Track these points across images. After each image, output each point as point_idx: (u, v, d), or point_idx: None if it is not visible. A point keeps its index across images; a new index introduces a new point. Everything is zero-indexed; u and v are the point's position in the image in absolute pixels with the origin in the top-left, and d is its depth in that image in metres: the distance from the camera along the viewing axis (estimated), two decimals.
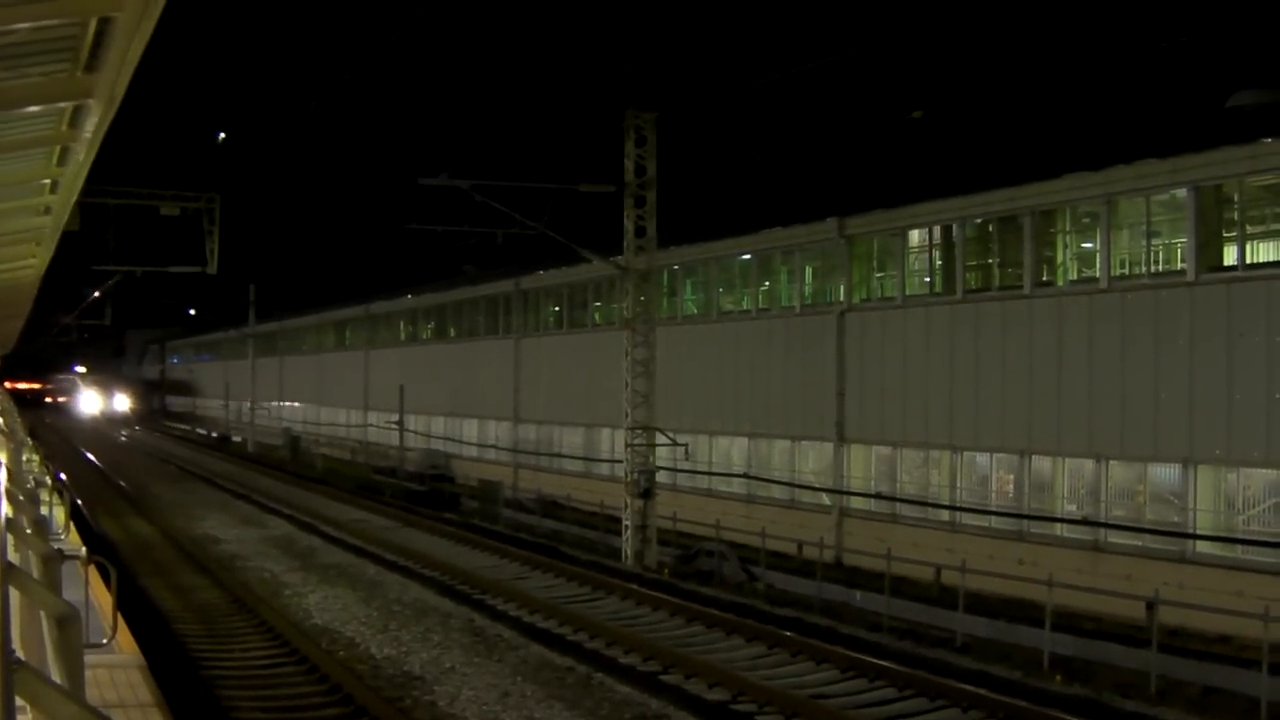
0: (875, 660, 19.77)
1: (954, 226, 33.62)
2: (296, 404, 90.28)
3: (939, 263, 34.75)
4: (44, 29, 11.44)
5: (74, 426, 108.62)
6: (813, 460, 37.67)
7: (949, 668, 20.11)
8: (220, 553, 30.12)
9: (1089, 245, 30.66)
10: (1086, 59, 42.36)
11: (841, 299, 36.92)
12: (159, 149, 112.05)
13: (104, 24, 11.47)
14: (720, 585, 29.79)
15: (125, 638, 14.65)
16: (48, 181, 22.17)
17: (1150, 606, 22.55)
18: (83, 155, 18.82)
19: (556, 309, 54.81)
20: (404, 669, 18.62)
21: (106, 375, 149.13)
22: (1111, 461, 28.69)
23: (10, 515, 11.12)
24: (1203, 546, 26.54)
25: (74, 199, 25.55)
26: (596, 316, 51.20)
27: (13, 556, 9.18)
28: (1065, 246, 31.37)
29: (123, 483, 48.10)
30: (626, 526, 33.35)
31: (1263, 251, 27.54)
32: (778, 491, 38.08)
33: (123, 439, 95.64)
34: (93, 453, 66.94)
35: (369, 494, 48.39)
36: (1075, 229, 31.15)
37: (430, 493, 48.04)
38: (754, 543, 32.09)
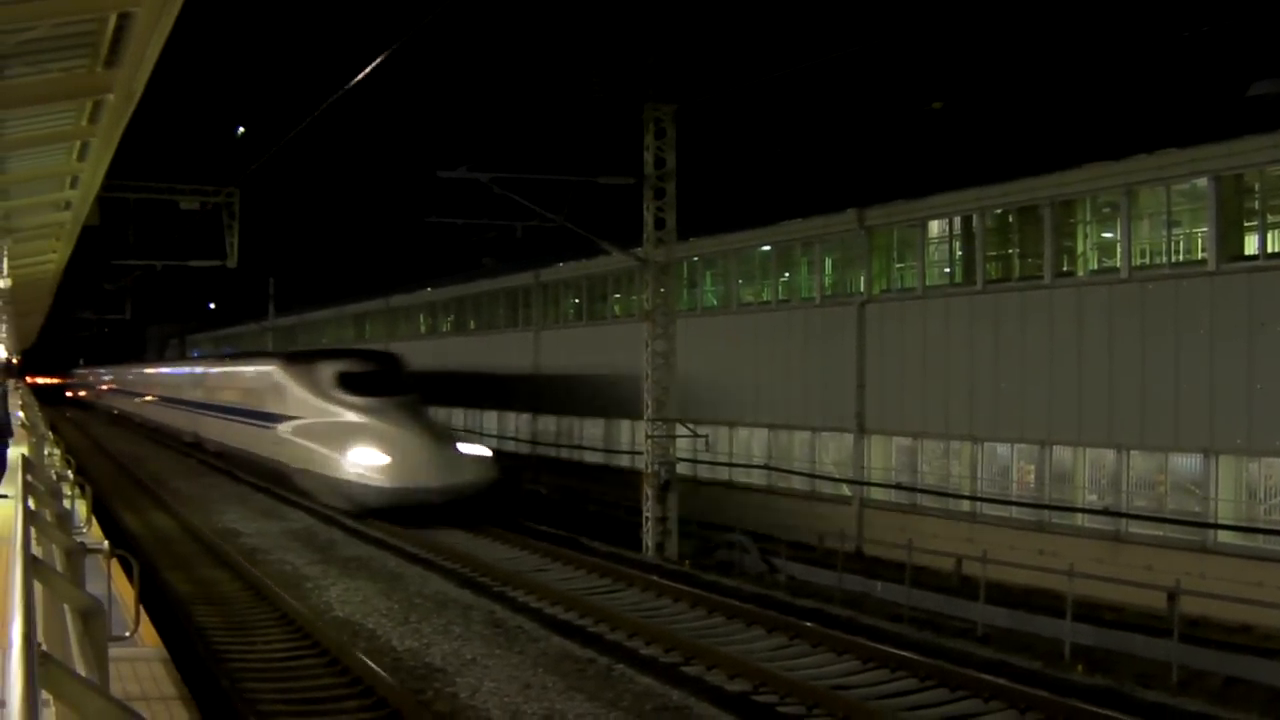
0: (896, 651, 19.75)
1: (974, 217, 33.54)
2: None
3: (959, 253, 34.68)
4: (64, 25, 11.50)
5: None
6: (833, 451, 37.63)
7: (970, 658, 20.09)
8: (241, 546, 30.21)
9: (1109, 235, 30.57)
10: (1106, 49, 42.22)
11: (861, 290, 36.86)
12: (178, 143, 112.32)
13: (123, 20, 11.52)
14: (741, 576, 29.79)
15: (148, 631, 14.70)
16: (68, 176, 22.27)
17: (1171, 596, 22.51)
18: (102, 150, 18.90)
19: (576, 301, 54.83)
20: (425, 661, 18.66)
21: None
22: (1132, 451, 28.62)
23: (33, 509, 11.17)
24: (1224, 536, 26.48)
25: (94, 194, 25.67)
26: (616, 309, 51.20)
27: (36, 550, 9.23)
28: (1085, 237, 31.28)
29: (142, 476, 48.27)
30: (647, 518, 33.37)
31: None
32: (798, 482, 38.07)
33: None
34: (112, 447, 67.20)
35: None
36: (1095, 219, 31.06)
37: None
38: (775, 534, 32.07)
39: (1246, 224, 27.72)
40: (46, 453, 30.13)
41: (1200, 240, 28.26)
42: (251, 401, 46.56)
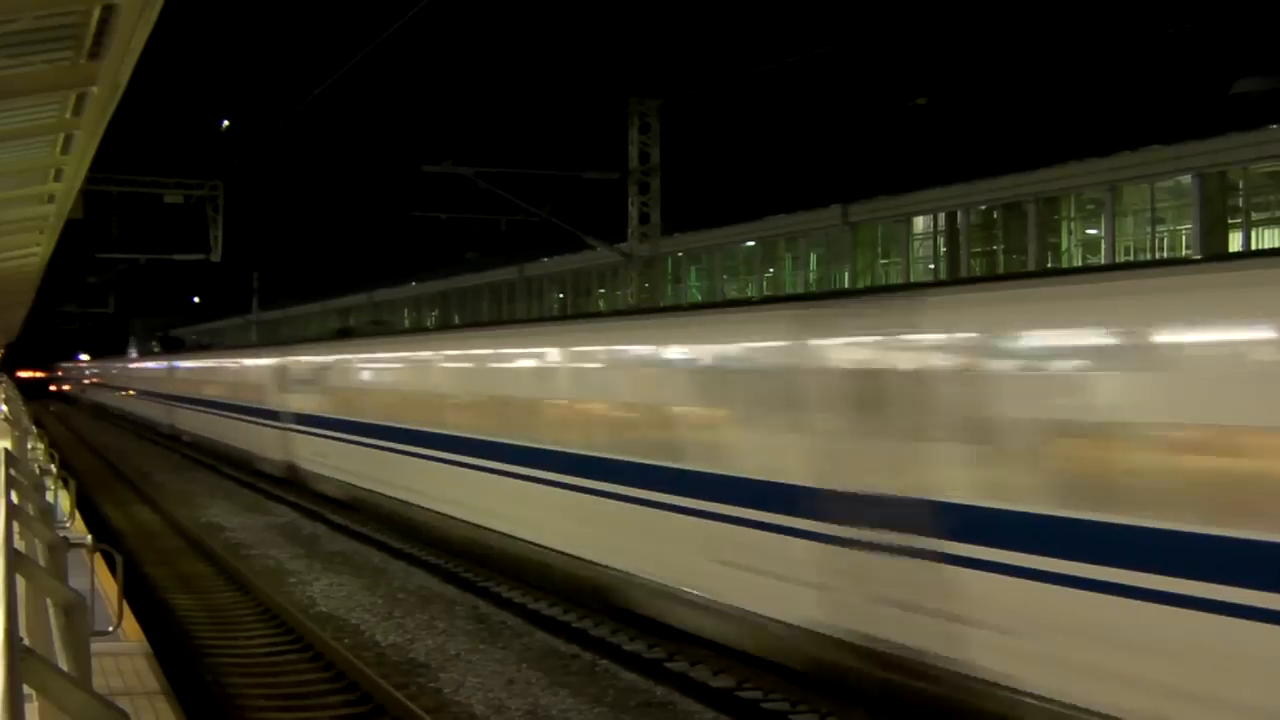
0: None
1: (958, 213, 33.60)
2: None
3: (943, 249, 34.72)
4: (47, 16, 11.46)
5: None
6: None
7: None
8: (225, 540, 30.15)
9: (1093, 232, 30.62)
10: (1091, 45, 42.30)
11: (846, 286, 36.89)
12: (162, 136, 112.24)
13: (107, 11, 11.48)
14: None
15: (131, 625, 14.68)
16: (51, 169, 22.19)
17: None
18: (86, 143, 18.84)
19: (560, 296, 54.78)
20: (409, 656, 18.64)
21: None
22: None
23: (16, 503, 11.14)
24: None
25: (77, 186, 25.57)
26: (601, 304, 51.17)
27: (19, 544, 9.20)
28: (1070, 233, 31.34)
29: (126, 471, 48.18)
30: None
31: (1268, 237, 27.47)
32: None
33: None
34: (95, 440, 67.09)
35: None
36: (1080, 216, 31.12)
37: None
38: None
39: (1230, 221, 27.79)
40: (30, 446, 30.03)
41: (1184, 237, 28.32)
42: None
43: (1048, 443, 11.68)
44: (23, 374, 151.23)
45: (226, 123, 52.91)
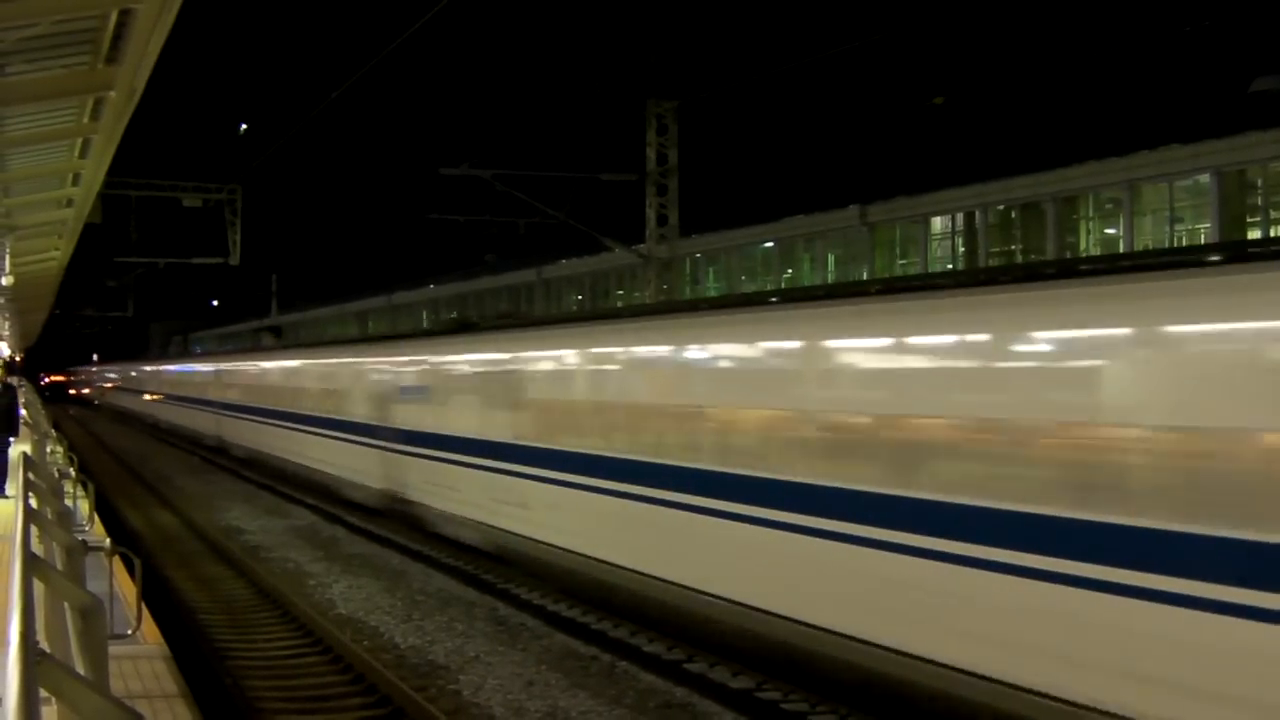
0: None
1: (976, 213, 33.51)
2: None
3: (961, 250, 34.64)
4: (65, 22, 11.50)
5: None
6: None
7: None
8: (244, 543, 30.18)
9: (1112, 231, 30.52)
10: (1109, 44, 42.18)
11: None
12: (180, 140, 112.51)
13: (124, 16, 11.52)
14: None
15: (150, 629, 14.70)
16: (70, 173, 22.28)
17: None
18: (104, 147, 18.91)
19: (579, 298, 54.77)
20: (428, 658, 18.64)
21: None
22: None
23: (34, 506, 11.17)
24: None
25: (96, 191, 25.67)
26: (619, 305, 51.19)
27: (37, 548, 9.22)
28: (1088, 233, 31.23)
29: (145, 474, 48.29)
30: None
31: None
32: None
33: None
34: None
35: None
36: (1098, 215, 31.02)
37: None
38: None
39: (1249, 219, 27.70)
40: (49, 450, 30.11)
41: (1203, 236, 28.23)
42: None
43: None
44: (54, 378, 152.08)
45: (245, 126, 53.08)
